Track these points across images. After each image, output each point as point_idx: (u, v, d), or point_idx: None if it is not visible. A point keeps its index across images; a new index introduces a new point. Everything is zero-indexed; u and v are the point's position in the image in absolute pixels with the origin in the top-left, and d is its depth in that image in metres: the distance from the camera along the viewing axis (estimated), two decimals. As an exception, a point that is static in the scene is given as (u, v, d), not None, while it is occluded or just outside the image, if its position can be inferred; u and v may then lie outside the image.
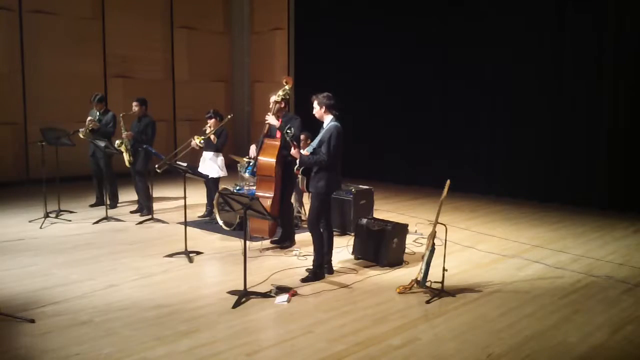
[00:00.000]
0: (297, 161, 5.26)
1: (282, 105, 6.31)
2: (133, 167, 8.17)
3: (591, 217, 8.40)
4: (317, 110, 5.37)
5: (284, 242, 6.61)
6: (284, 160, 6.25)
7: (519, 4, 9.65)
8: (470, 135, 10.44)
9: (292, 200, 7.02)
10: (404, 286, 5.08)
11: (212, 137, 7.58)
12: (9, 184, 10.52)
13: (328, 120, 5.36)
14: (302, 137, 7.20)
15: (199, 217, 8.05)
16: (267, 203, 6.10)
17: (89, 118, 8.42)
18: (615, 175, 8.87)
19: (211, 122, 7.67)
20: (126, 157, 8.12)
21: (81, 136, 8.36)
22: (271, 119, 6.15)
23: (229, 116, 7.73)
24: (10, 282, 5.21)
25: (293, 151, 5.24)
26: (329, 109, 5.35)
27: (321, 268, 5.44)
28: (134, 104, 8.17)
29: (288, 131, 5.24)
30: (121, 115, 8.19)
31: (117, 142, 8.03)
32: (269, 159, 6.23)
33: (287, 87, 6.30)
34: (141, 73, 12.59)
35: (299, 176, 5.38)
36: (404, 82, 11.25)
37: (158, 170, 7.16)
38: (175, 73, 13.33)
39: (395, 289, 5.09)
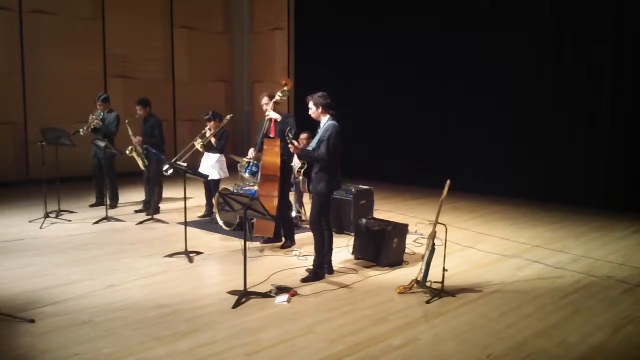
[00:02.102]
0: (297, 156, 5.25)
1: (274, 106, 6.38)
2: (148, 171, 8.17)
3: (591, 217, 8.40)
4: (314, 110, 5.37)
5: (279, 240, 6.62)
6: (283, 160, 6.29)
7: (519, 5, 9.65)
8: (470, 135, 10.43)
9: (292, 200, 7.02)
10: (404, 286, 5.08)
11: (212, 139, 7.57)
12: (9, 184, 10.53)
13: (325, 119, 5.35)
14: (303, 136, 7.23)
15: (199, 217, 8.05)
16: (273, 203, 6.10)
17: (92, 116, 8.41)
18: (615, 175, 8.87)
19: (211, 124, 7.65)
20: (140, 162, 8.10)
21: (81, 133, 8.34)
22: (272, 114, 6.23)
23: (228, 116, 7.71)
24: (10, 282, 5.21)
25: (292, 147, 5.21)
26: (325, 108, 5.35)
27: (321, 268, 5.44)
28: (137, 107, 8.14)
29: (289, 134, 5.25)
30: (127, 121, 8.17)
31: (128, 149, 8.02)
32: (273, 159, 6.25)
33: (285, 88, 6.32)
34: (141, 73, 12.59)
35: (300, 177, 5.38)
36: (403, 82, 11.24)
37: (166, 174, 7.17)
38: (175, 73, 13.33)
39: (395, 289, 5.09)
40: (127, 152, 8.03)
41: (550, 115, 9.45)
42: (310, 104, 5.37)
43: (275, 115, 6.21)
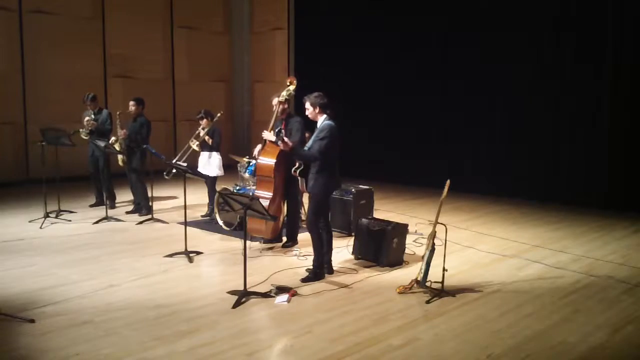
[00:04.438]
0: (291, 153, 5.30)
1: (286, 106, 6.35)
2: (128, 166, 8.15)
3: (591, 217, 8.40)
4: (311, 110, 5.37)
5: (279, 240, 6.61)
6: (288, 161, 6.27)
7: (519, 4, 9.65)
8: (470, 135, 10.44)
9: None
10: (404, 286, 5.08)
11: (206, 138, 7.62)
12: (9, 184, 10.53)
13: (322, 119, 5.36)
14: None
15: (201, 216, 8.04)
16: (265, 203, 6.10)
17: (87, 118, 8.41)
18: (615, 175, 8.87)
19: (203, 122, 7.75)
20: (119, 157, 8.12)
21: (83, 137, 8.37)
22: (268, 135, 6.19)
23: (219, 114, 7.75)
24: (10, 282, 5.21)
25: (281, 144, 5.14)
26: (322, 108, 5.35)
27: (321, 268, 5.44)
28: (131, 103, 8.14)
29: (280, 133, 5.29)
30: (118, 113, 8.19)
31: (112, 139, 8.04)
32: (268, 160, 6.24)
33: (291, 87, 6.32)
34: (141, 73, 12.59)
35: (298, 177, 5.39)
36: (404, 82, 11.24)
37: (167, 177, 7.18)
38: (175, 73, 13.33)
39: (395, 289, 5.09)
40: (111, 141, 8.02)
41: (550, 115, 9.44)
42: (307, 104, 5.37)
43: (271, 137, 6.16)
